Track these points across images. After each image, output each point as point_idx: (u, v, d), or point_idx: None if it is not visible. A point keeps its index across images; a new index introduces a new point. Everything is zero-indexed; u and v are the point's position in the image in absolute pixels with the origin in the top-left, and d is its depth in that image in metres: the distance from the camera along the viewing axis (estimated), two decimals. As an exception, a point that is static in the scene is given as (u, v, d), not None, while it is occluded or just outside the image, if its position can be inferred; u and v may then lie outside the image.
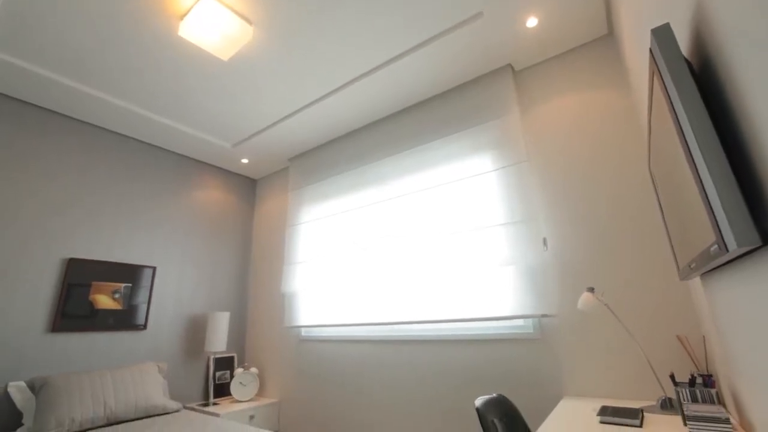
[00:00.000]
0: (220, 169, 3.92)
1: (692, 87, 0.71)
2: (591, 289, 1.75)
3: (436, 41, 2.22)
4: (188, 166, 3.64)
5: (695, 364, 1.56)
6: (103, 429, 2.23)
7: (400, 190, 2.76)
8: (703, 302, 1.46)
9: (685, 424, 1.33)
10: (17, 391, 2.30)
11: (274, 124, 3.10)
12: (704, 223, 0.78)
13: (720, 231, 0.66)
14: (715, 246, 0.72)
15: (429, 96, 2.79)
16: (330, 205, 3.22)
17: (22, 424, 2.28)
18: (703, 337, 1.63)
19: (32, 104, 2.75)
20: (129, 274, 3.00)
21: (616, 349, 1.84)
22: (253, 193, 4.19)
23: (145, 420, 2.42)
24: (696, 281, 1.53)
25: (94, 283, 2.79)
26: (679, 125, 0.73)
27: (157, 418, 2.47)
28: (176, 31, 2.13)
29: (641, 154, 1.96)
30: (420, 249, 2.52)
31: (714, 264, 0.85)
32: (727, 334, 1.15)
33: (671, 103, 0.75)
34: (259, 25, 2.10)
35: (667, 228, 1.52)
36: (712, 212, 0.67)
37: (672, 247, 1.50)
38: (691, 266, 1.08)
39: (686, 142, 0.71)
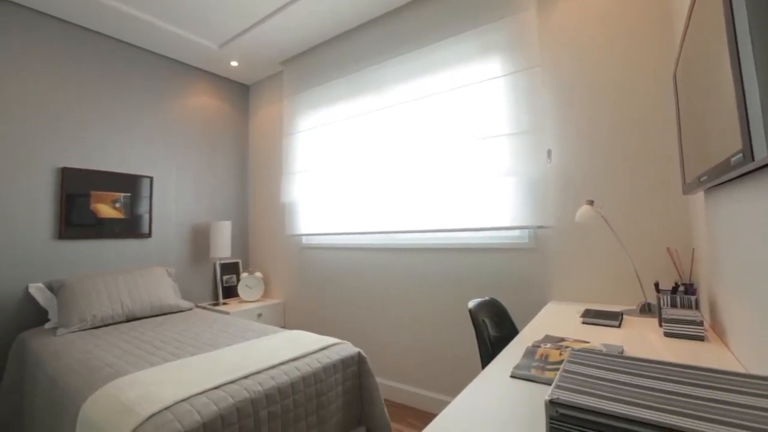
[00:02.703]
0: (210, 73, 3.64)
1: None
2: (591, 202, 1.74)
3: None
4: (177, 70, 3.37)
5: (680, 275, 1.64)
6: (123, 324, 2.43)
7: (402, 97, 2.59)
8: (701, 216, 1.47)
9: (661, 326, 1.44)
10: (37, 291, 2.45)
11: (262, 21, 2.78)
12: (730, 131, 0.73)
13: (750, 137, 0.61)
14: (739, 155, 0.68)
15: (437, -14, 2.45)
16: (327, 113, 3.06)
17: (48, 320, 2.48)
18: (693, 249, 1.68)
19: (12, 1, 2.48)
20: (127, 183, 2.97)
21: (607, 259, 1.92)
22: (246, 100, 3.96)
23: (160, 317, 2.62)
24: (698, 196, 1.52)
25: (92, 192, 2.78)
26: (732, 13, 0.63)
27: (171, 315, 2.68)
28: None
29: (662, 65, 1.79)
30: (420, 158, 2.46)
31: (729, 176, 0.82)
32: (720, 245, 1.17)
33: (727, -17, 0.64)
34: None
35: (680, 140, 1.45)
36: (747, 116, 0.61)
37: (682, 160, 1.45)
38: (701, 179, 1.05)
39: (735, 32, 0.62)
